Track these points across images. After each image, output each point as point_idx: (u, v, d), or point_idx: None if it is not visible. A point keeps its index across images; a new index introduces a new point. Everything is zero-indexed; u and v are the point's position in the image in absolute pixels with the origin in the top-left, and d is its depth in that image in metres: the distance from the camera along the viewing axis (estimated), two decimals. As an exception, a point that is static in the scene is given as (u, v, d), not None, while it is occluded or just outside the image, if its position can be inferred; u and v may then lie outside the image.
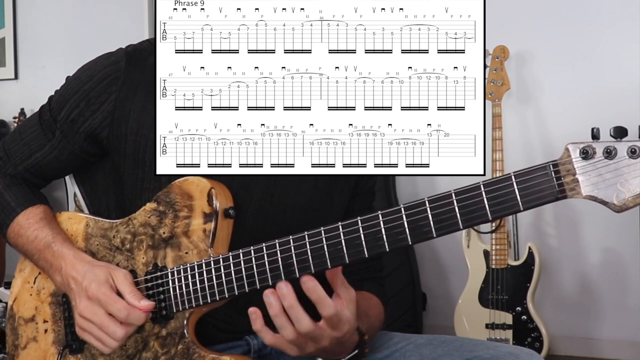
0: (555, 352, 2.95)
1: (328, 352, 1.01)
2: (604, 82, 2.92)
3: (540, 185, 0.87)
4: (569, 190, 0.86)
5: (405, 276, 2.97)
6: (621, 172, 0.83)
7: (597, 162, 0.84)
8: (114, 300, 1.05)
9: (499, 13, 2.90)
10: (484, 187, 0.89)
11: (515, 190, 0.87)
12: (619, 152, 0.83)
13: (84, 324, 1.07)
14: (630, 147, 0.83)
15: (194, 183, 1.10)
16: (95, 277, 1.08)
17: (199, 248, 1.08)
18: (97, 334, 1.06)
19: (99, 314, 1.05)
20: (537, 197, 0.87)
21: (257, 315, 0.98)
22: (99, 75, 1.17)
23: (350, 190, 1.26)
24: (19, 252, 1.24)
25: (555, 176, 0.86)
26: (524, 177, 0.87)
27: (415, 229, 0.92)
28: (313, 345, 0.99)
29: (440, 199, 0.91)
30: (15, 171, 1.25)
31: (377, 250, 0.94)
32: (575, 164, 0.85)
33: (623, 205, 0.83)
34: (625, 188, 0.83)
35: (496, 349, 1.10)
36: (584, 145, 0.85)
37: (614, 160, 0.84)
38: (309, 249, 0.97)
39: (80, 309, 1.07)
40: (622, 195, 0.83)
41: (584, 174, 0.85)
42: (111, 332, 1.05)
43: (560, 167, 0.86)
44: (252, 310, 0.99)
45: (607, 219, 2.86)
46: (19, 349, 1.22)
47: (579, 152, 0.85)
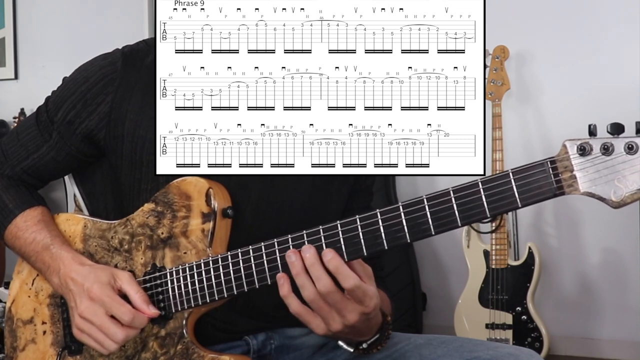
0: (555, 352, 2.95)
1: (355, 330, 0.99)
2: (603, 82, 2.92)
3: (538, 181, 0.87)
4: (566, 187, 0.86)
5: (405, 276, 2.97)
6: (618, 168, 0.84)
7: (594, 158, 0.85)
8: (118, 303, 1.05)
9: (499, 13, 2.90)
10: (482, 184, 0.89)
11: (513, 187, 0.88)
12: (616, 148, 0.84)
13: (83, 325, 1.07)
14: (627, 143, 0.83)
15: (192, 183, 1.10)
16: (98, 279, 1.07)
17: (198, 248, 1.08)
18: (96, 336, 1.05)
19: (100, 315, 1.05)
20: (535, 194, 0.87)
21: (285, 280, 0.97)
22: (95, 77, 1.17)
23: (348, 189, 1.26)
24: (17, 254, 1.23)
25: (552, 173, 0.86)
26: (521, 174, 0.87)
27: (413, 226, 0.92)
28: (339, 319, 0.97)
29: (438, 197, 0.91)
30: (12, 172, 1.25)
31: (376, 249, 0.94)
32: (572, 161, 0.86)
33: (621, 201, 0.83)
34: (623, 184, 0.83)
35: (496, 350, 1.10)
36: (581, 142, 0.85)
37: (611, 156, 0.84)
38: None
39: (81, 309, 1.07)
40: (619, 191, 0.84)
41: (581, 170, 0.85)
42: (111, 333, 1.04)
43: (557, 164, 0.86)
44: (280, 275, 0.98)
45: (607, 218, 2.86)
46: (18, 350, 1.22)
47: (576, 148, 0.86)
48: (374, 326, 1.03)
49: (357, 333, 1.01)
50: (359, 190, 1.29)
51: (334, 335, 1.01)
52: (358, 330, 1.00)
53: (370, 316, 0.99)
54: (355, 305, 0.96)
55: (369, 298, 0.96)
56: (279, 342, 1.24)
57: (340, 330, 0.98)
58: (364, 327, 1.00)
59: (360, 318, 0.97)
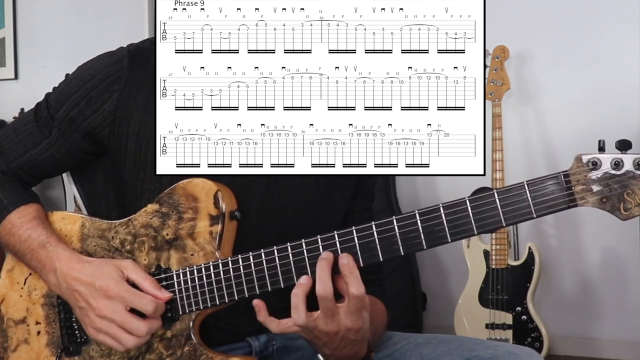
0: (555, 352, 2.95)
1: (333, 344, 1.00)
2: (604, 82, 2.92)
3: (552, 193, 0.92)
4: (579, 199, 0.91)
5: (405, 276, 2.97)
6: (628, 184, 0.90)
7: (605, 173, 0.90)
8: (139, 296, 1.04)
9: (499, 13, 2.90)
10: (497, 194, 0.93)
11: (528, 198, 0.92)
12: (626, 164, 0.90)
13: (102, 324, 1.05)
14: (636, 160, 0.90)
15: (199, 185, 1.09)
16: (108, 275, 1.06)
17: (206, 250, 1.08)
18: (114, 333, 1.04)
19: (121, 312, 1.04)
20: (549, 205, 0.92)
21: (261, 307, 0.99)
22: (101, 74, 1.16)
23: (351, 191, 1.26)
24: (9, 252, 1.21)
25: (566, 185, 0.91)
26: (536, 186, 0.92)
27: (430, 233, 0.95)
28: (322, 325, 0.98)
29: (455, 205, 0.95)
30: (7, 168, 1.23)
31: (392, 255, 0.97)
32: (585, 174, 0.91)
33: (629, 214, 0.89)
34: (632, 198, 0.89)
35: (496, 349, 1.10)
36: (593, 157, 0.91)
37: (621, 171, 0.90)
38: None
39: (100, 308, 1.05)
40: (628, 204, 0.90)
41: (593, 184, 0.91)
42: (134, 328, 1.03)
43: (571, 177, 0.91)
44: (256, 303, 1.00)
45: (607, 219, 2.85)
46: (9, 351, 1.20)
47: (589, 163, 0.91)
48: (354, 354, 1.04)
49: (333, 350, 1.01)
50: (361, 193, 1.29)
51: (312, 341, 1.02)
52: (334, 348, 1.01)
53: (352, 337, 1.00)
54: (343, 316, 0.97)
55: (359, 316, 0.98)
56: (281, 343, 1.24)
57: (318, 337, 0.99)
58: (341, 346, 1.01)
59: (340, 331, 0.98)
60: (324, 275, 0.96)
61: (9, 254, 1.23)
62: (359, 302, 0.96)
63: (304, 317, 0.97)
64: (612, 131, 2.70)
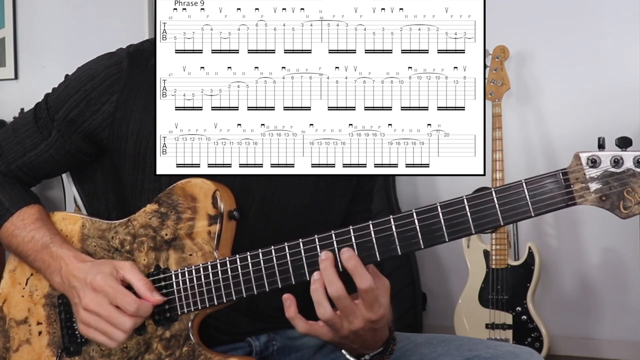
0: (555, 352, 2.95)
1: (361, 339, 1.00)
2: (604, 82, 2.92)
3: (551, 192, 0.90)
4: (578, 198, 0.89)
5: (405, 276, 2.97)
6: (628, 182, 0.88)
7: (604, 171, 0.88)
8: (122, 294, 1.04)
9: (499, 13, 2.90)
10: (495, 193, 0.92)
11: (527, 196, 0.90)
12: (626, 162, 0.88)
13: (89, 318, 1.05)
14: (636, 158, 0.88)
15: (198, 185, 1.09)
16: (100, 270, 1.06)
17: (204, 250, 1.08)
18: (103, 328, 1.04)
19: (105, 306, 1.04)
20: (547, 204, 0.90)
21: (292, 302, 0.97)
22: (100, 76, 1.16)
23: (351, 192, 1.26)
24: (12, 253, 1.21)
25: (565, 184, 0.90)
26: (534, 184, 0.91)
27: (427, 233, 0.94)
28: (347, 325, 0.97)
29: (452, 204, 0.94)
30: (7, 169, 1.23)
31: (390, 254, 0.96)
32: (584, 172, 0.89)
33: (629, 212, 0.88)
34: (632, 196, 0.88)
35: (496, 348, 1.10)
36: (592, 155, 0.89)
37: (621, 169, 0.88)
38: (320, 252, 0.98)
39: (86, 302, 1.05)
40: (628, 203, 0.88)
41: (592, 182, 0.89)
42: (119, 323, 1.03)
43: (569, 175, 0.90)
44: (287, 297, 0.98)
45: (607, 219, 2.84)
46: (11, 351, 1.20)
47: (588, 160, 0.89)
48: (379, 339, 1.03)
49: (362, 342, 1.01)
50: (361, 194, 1.29)
51: (340, 342, 1.01)
52: (363, 340, 1.00)
53: (377, 326, 0.99)
54: (365, 310, 0.96)
55: (379, 305, 0.97)
56: (281, 343, 1.24)
57: (346, 336, 0.98)
58: (369, 337, 1.00)
59: (366, 325, 0.97)
60: (330, 276, 0.95)
61: (12, 254, 1.23)
62: (371, 294, 0.95)
63: (330, 310, 0.96)
64: (612, 131, 2.68)
